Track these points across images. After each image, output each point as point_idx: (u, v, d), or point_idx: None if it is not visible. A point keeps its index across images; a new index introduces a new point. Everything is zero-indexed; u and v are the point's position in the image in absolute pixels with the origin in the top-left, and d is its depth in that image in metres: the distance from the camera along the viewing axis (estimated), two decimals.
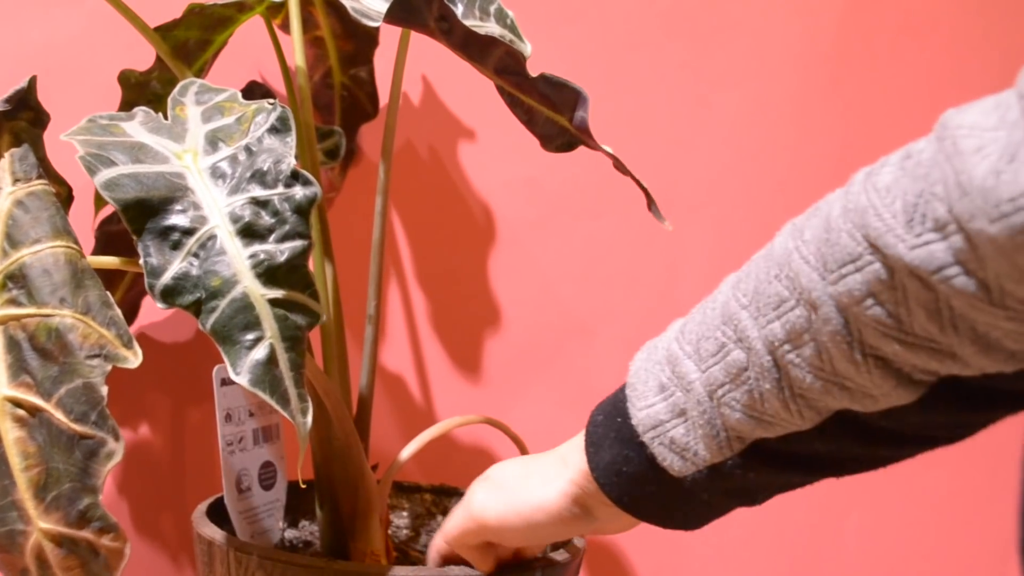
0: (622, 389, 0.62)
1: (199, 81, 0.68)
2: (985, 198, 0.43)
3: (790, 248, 0.53)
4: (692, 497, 0.61)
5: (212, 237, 0.55)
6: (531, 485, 0.65)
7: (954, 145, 0.46)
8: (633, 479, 0.61)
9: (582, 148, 0.77)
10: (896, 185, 0.49)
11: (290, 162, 0.58)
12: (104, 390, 0.52)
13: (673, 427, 0.59)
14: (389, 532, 0.78)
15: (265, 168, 0.58)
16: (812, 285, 0.52)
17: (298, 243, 0.56)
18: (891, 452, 0.58)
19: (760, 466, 0.58)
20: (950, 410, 0.54)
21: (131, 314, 0.89)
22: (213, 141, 0.61)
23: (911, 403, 0.53)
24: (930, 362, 0.51)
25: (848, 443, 0.57)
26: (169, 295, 0.54)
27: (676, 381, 0.59)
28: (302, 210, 0.57)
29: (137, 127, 0.63)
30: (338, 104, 0.98)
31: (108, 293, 0.55)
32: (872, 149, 1.23)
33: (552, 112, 0.74)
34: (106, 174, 0.56)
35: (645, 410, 0.60)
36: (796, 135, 1.19)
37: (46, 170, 0.69)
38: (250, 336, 0.53)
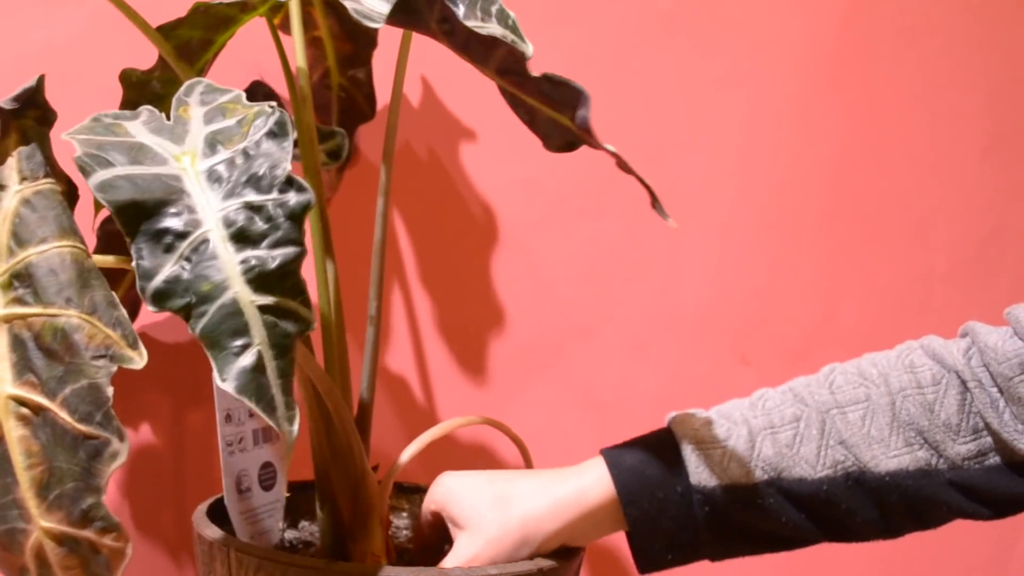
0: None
1: (205, 81, 0.67)
2: None
3: None
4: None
5: (205, 241, 0.55)
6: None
7: None
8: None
9: (583, 148, 0.77)
10: None
11: (286, 167, 0.58)
12: (110, 391, 0.52)
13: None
14: (390, 533, 0.78)
15: (261, 173, 0.57)
16: None
17: (290, 250, 0.55)
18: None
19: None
20: None
21: (132, 313, 0.89)
22: (212, 143, 0.60)
23: None
24: None
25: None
26: (160, 298, 0.53)
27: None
28: (295, 216, 0.56)
29: (139, 127, 0.63)
30: (335, 105, 0.98)
31: (113, 293, 0.55)
32: (872, 150, 1.23)
33: (554, 111, 0.74)
34: (101, 175, 0.55)
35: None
36: (796, 136, 1.19)
37: (52, 168, 0.69)
38: (238, 342, 0.53)
